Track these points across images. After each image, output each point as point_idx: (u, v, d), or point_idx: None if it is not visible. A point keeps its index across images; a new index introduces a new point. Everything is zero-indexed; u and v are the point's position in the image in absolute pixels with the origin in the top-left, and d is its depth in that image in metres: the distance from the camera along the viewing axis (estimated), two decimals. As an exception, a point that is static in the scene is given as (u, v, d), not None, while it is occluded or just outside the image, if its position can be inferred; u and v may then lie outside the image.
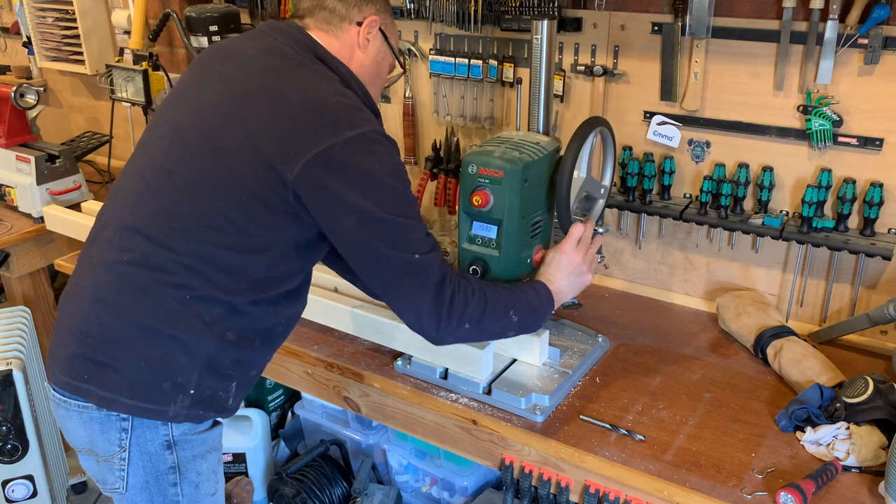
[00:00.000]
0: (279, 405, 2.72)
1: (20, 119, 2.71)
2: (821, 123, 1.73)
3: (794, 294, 1.93)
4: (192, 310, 1.38)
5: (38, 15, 3.05)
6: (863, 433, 1.47)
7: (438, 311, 1.40)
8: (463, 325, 1.43)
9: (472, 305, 1.43)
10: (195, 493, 1.49)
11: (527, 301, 1.52)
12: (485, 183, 1.55)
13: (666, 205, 1.97)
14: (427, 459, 2.29)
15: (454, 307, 1.41)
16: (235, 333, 1.43)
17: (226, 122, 1.38)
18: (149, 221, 1.40)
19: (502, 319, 1.48)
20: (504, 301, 1.49)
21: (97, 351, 1.38)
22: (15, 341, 2.32)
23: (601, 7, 1.93)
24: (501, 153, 1.56)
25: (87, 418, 1.41)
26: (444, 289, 1.40)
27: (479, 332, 1.47)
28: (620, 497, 1.48)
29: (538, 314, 1.54)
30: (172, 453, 1.44)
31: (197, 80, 1.50)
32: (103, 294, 1.40)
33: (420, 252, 1.38)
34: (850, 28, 1.64)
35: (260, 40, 1.48)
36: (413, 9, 2.21)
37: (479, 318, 1.44)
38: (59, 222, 2.47)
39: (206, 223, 1.37)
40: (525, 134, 1.68)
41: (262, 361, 1.55)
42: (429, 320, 1.41)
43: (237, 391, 1.49)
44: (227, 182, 1.36)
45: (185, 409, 1.41)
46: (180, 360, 1.39)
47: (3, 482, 2.29)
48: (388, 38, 1.55)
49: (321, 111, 1.36)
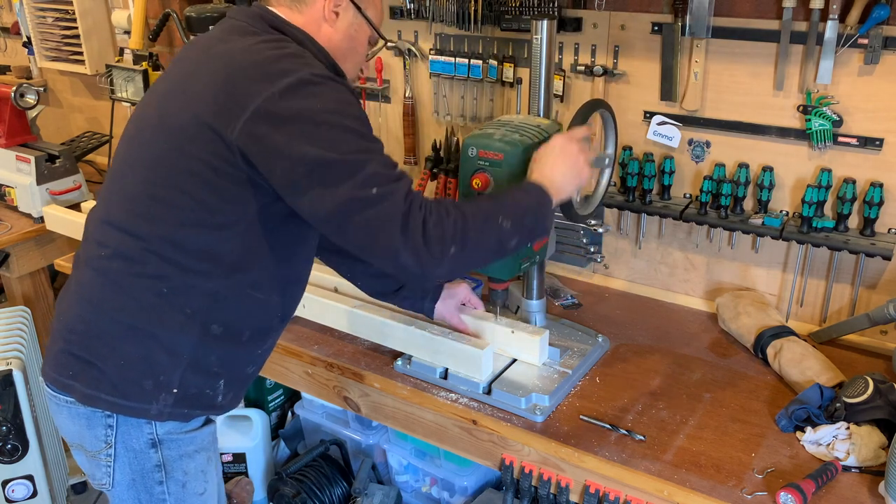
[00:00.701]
0: (279, 405, 2.72)
1: (20, 119, 2.71)
2: (821, 123, 1.73)
3: (794, 294, 1.93)
4: (171, 303, 1.36)
5: (38, 15, 3.05)
6: (863, 433, 1.47)
7: (413, 243, 1.27)
8: (448, 251, 1.29)
9: (448, 226, 1.30)
10: (182, 492, 1.49)
11: (514, 202, 1.40)
12: (484, 165, 1.53)
13: (666, 205, 1.97)
14: (427, 459, 2.29)
15: (429, 234, 1.28)
16: (221, 326, 1.40)
17: (171, 99, 1.37)
18: (117, 212, 1.40)
19: (492, 230, 1.35)
20: (486, 210, 1.36)
21: (81, 348, 1.40)
22: (15, 341, 2.32)
23: (601, 7, 1.93)
24: (501, 136, 1.54)
25: (75, 414, 1.43)
26: (410, 217, 1.27)
27: (473, 253, 1.34)
28: (620, 497, 1.48)
29: (535, 213, 1.41)
30: (157, 452, 1.44)
31: (166, 72, 1.50)
32: (86, 292, 1.42)
33: (379, 185, 1.27)
34: (850, 28, 1.64)
35: (224, 23, 1.46)
36: (413, 9, 2.21)
37: (462, 237, 1.31)
38: (59, 222, 2.47)
39: (165, 202, 1.34)
40: (525, 117, 1.66)
41: (255, 357, 1.51)
42: (406, 256, 1.28)
43: (227, 388, 1.47)
44: (177, 156, 1.33)
45: (169, 407, 1.40)
46: (161, 358, 1.38)
47: (3, 482, 2.29)
48: (361, 9, 1.48)
49: (256, 65, 1.30)
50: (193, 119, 1.31)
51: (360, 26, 1.49)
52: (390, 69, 2.38)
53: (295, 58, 1.33)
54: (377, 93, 2.43)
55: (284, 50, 1.34)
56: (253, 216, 1.36)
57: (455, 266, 1.34)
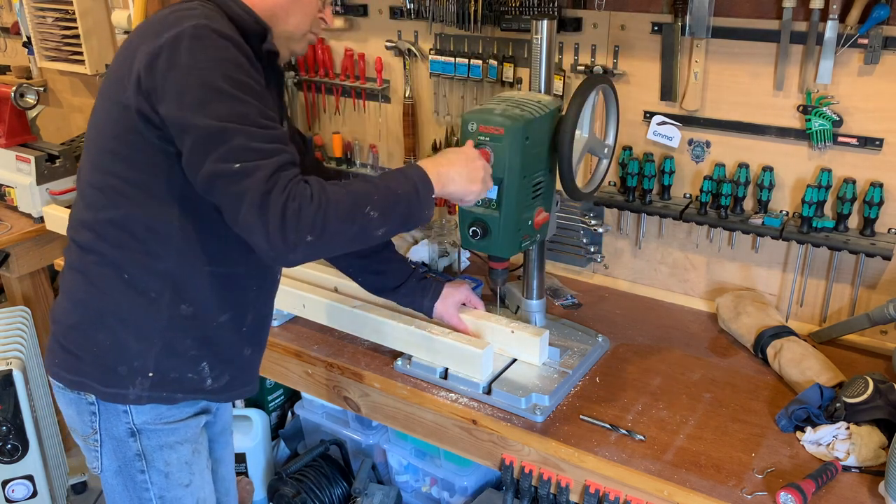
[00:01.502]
0: (279, 405, 2.72)
1: (20, 119, 2.71)
2: (821, 123, 1.73)
3: (794, 294, 1.93)
4: (135, 287, 1.38)
5: (38, 15, 3.05)
6: (863, 433, 1.47)
7: (268, 226, 1.18)
8: (303, 239, 1.20)
9: (308, 213, 1.19)
10: (165, 482, 1.50)
11: (389, 189, 1.30)
12: (485, 141, 1.50)
13: (666, 205, 1.97)
14: (427, 459, 2.29)
15: (287, 220, 1.18)
16: (191, 306, 1.39)
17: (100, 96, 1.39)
18: (76, 209, 1.45)
19: (357, 219, 1.25)
20: (355, 198, 1.25)
21: (64, 339, 1.45)
22: (15, 341, 2.32)
23: (601, 7, 1.93)
24: (502, 111, 1.51)
25: (67, 399, 1.47)
26: (270, 199, 1.17)
27: (331, 242, 1.24)
28: (620, 497, 1.48)
29: (409, 202, 1.31)
30: (136, 441, 1.46)
31: None
32: (65, 286, 1.47)
33: (243, 160, 1.18)
34: (850, 28, 1.64)
35: None
36: (413, 9, 2.21)
37: (322, 226, 1.21)
38: (59, 222, 2.47)
39: (99, 188, 1.37)
40: (526, 93, 1.65)
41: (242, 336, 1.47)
42: (259, 238, 1.19)
43: (216, 372, 1.45)
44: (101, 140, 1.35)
45: (146, 391, 1.41)
46: (132, 345, 1.40)
47: (3, 482, 2.29)
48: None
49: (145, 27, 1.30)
50: (105, 98, 1.34)
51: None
52: (390, 69, 2.38)
53: (183, 12, 1.27)
54: (377, 93, 2.43)
55: (175, 9, 1.29)
56: (179, 184, 1.31)
57: (309, 254, 1.25)
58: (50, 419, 2.54)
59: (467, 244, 1.62)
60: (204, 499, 1.58)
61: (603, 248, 2.16)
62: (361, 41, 2.40)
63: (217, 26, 1.25)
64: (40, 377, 2.48)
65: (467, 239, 1.61)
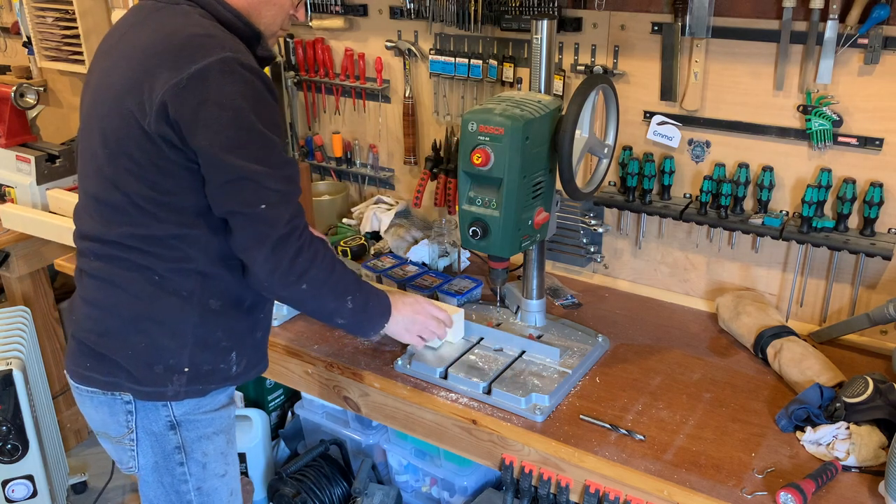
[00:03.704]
0: (279, 405, 2.72)
1: (20, 119, 2.71)
2: (821, 123, 1.73)
3: (794, 294, 1.93)
4: (166, 288, 1.39)
5: (38, 15, 3.05)
6: (863, 433, 1.47)
7: (275, 263, 1.35)
8: (300, 285, 1.39)
9: (316, 269, 1.39)
10: (203, 472, 1.52)
11: (366, 300, 1.51)
12: (485, 141, 1.51)
13: (666, 205, 1.97)
14: (427, 459, 2.29)
15: (297, 264, 1.36)
16: (219, 300, 1.43)
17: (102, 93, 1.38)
18: (86, 226, 1.45)
19: (339, 299, 1.46)
20: (348, 282, 1.47)
21: (94, 343, 1.45)
22: (15, 341, 2.32)
23: (601, 7, 1.93)
24: (502, 110, 1.52)
25: (98, 403, 1.47)
26: (289, 243, 1.35)
27: (314, 300, 1.44)
28: (620, 497, 1.48)
29: (370, 318, 1.55)
30: (176, 433, 1.48)
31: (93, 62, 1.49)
32: (88, 294, 1.47)
33: (268, 203, 1.32)
34: (850, 28, 1.64)
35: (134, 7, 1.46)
36: (413, 9, 2.22)
37: (319, 285, 1.41)
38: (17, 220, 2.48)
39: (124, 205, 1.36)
40: (526, 93, 1.65)
41: (259, 321, 1.54)
42: (262, 269, 1.36)
43: (240, 358, 1.50)
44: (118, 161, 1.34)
45: (184, 387, 1.44)
46: (167, 343, 1.41)
47: (3, 482, 2.29)
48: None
49: (167, 49, 1.29)
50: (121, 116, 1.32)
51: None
52: (390, 69, 2.38)
53: (205, 39, 1.30)
54: (377, 93, 2.43)
55: (193, 30, 1.31)
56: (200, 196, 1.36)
57: (293, 298, 1.45)
58: (50, 419, 2.54)
59: (467, 244, 1.62)
60: (236, 489, 1.61)
61: (603, 248, 2.16)
62: (361, 41, 2.40)
63: (243, 59, 1.30)
64: (40, 377, 2.48)
65: (467, 239, 1.61)
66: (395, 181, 2.54)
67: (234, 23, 1.39)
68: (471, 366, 1.73)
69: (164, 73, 1.27)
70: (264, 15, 1.44)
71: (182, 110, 1.26)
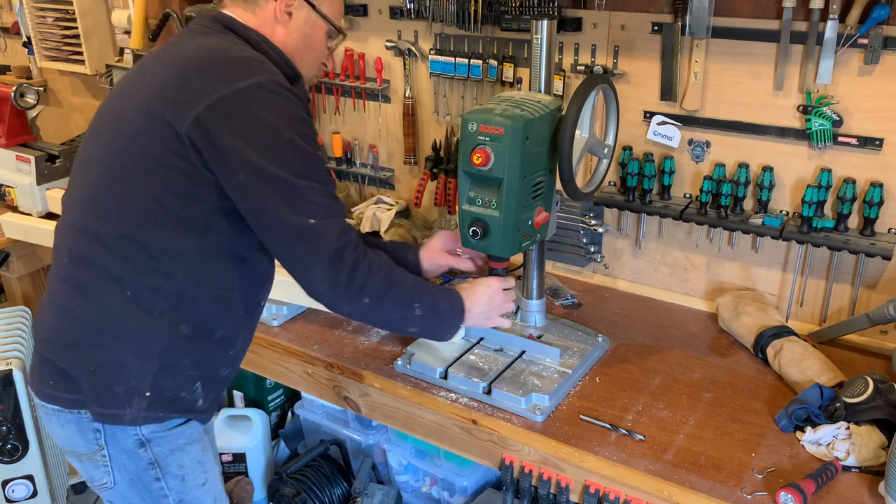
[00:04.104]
0: (279, 405, 2.72)
1: (20, 119, 2.71)
2: (821, 123, 1.73)
3: (794, 294, 1.93)
4: (137, 305, 1.36)
5: (38, 15, 3.05)
6: (863, 433, 1.47)
7: (335, 278, 1.35)
8: (362, 299, 1.39)
9: (375, 279, 1.39)
10: (182, 485, 1.49)
11: (434, 300, 1.50)
12: (485, 141, 1.51)
13: (666, 205, 1.97)
14: (427, 459, 2.29)
15: (354, 278, 1.37)
16: (189, 326, 1.40)
17: (127, 98, 1.38)
18: (76, 214, 1.41)
19: (405, 307, 1.45)
20: (410, 288, 1.46)
21: (57, 357, 1.41)
22: (15, 341, 2.32)
23: (601, 7, 1.93)
24: (502, 110, 1.52)
25: (64, 421, 1.44)
26: (344, 258, 1.35)
27: (378, 313, 1.44)
28: (620, 497, 1.48)
29: (443, 321, 1.53)
30: (147, 450, 1.44)
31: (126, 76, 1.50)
32: (56, 301, 1.43)
33: (317, 217, 1.33)
34: (850, 28, 1.64)
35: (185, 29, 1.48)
36: (413, 9, 2.22)
37: (381, 296, 1.41)
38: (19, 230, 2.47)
39: (120, 201, 1.35)
40: (526, 93, 1.65)
41: (228, 359, 1.51)
42: (322, 285, 1.37)
43: (206, 391, 1.47)
44: (132, 154, 1.34)
45: (143, 411, 1.40)
46: (131, 363, 1.38)
47: (3, 482, 2.29)
48: (315, 6, 1.48)
49: (214, 63, 1.32)
50: (147, 114, 1.32)
51: (316, 23, 1.50)
52: (390, 69, 2.38)
53: (252, 61, 1.34)
54: (377, 93, 2.43)
55: (241, 52, 1.35)
56: (210, 213, 1.36)
57: (358, 312, 1.45)
58: (50, 419, 2.53)
59: (467, 244, 1.62)
60: (220, 494, 1.58)
61: (603, 248, 2.16)
62: (361, 41, 2.40)
63: (284, 83, 1.33)
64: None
65: (467, 239, 1.61)
66: (395, 181, 2.54)
67: (278, 61, 1.43)
68: (471, 366, 1.73)
69: (208, 84, 1.28)
70: (305, 60, 1.51)
71: (225, 123, 1.28)
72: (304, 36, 1.49)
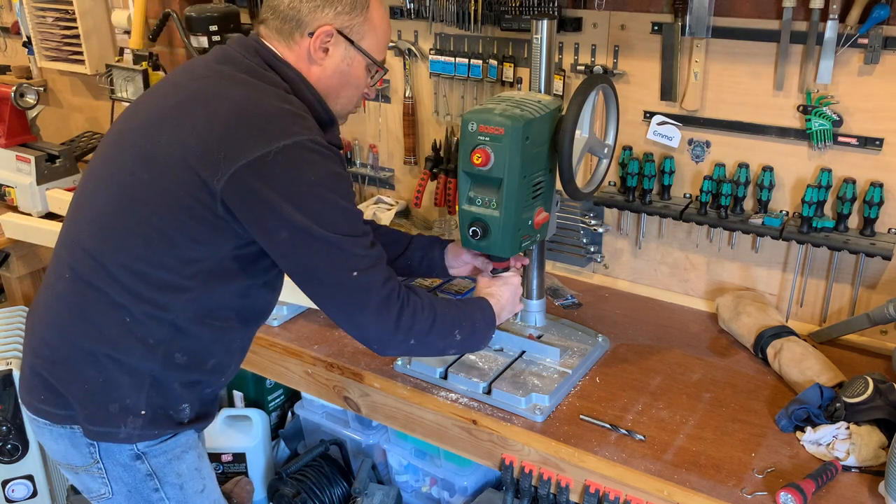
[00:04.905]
0: (279, 405, 2.72)
1: (20, 119, 2.71)
2: (821, 123, 1.73)
3: (794, 294, 1.93)
4: (134, 332, 1.35)
5: (38, 15, 3.05)
6: (863, 433, 1.47)
7: (383, 327, 1.37)
8: (409, 341, 1.41)
9: (420, 321, 1.40)
10: (181, 494, 1.49)
11: (472, 321, 1.51)
12: (485, 141, 1.51)
13: (666, 205, 1.97)
14: (427, 459, 2.29)
15: (401, 323, 1.38)
16: (185, 355, 1.40)
17: (159, 129, 1.33)
18: (85, 233, 1.38)
19: (447, 337, 1.47)
20: (451, 319, 1.47)
21: (48, 373, 1.40)
22: (15, 341, 2.32)
23: (601, 7, 1.93)
24: (502, 110, 1.51)
25: (57, 434, 1.43)
26: (390, 305, 1.36)
27: (423, 348, 1.46)
28: (620, 497, 1.48)
29: (480, 338, 1.54)
30: (144, 462, 1.44)
31: (152, 90, 1.46)
32: (50, 316, 1.41)
33: (359, 269, 1.33)
34: (850, 28, 1.64)
35: (218, 51, 1.44)
36: (413, 9, 2.22)
37: (425, 335, 1.42)
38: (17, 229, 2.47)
39: (133, 233, 1.32)
40: (526, 93, 1.65)
41: (218, 383, 1.52)
42: (373, 335, 1.38)
43: (192, 410, 1.47)
44: (156, 191, 1.31)
45: (138, 430, 1.39)
46: (124, 382, 1.37)
47: (3, 482, 2.29)
48: (355, 41, 1.43)
49: (254, 118, 1.29)
50: (181, 160, 1.29)
51: (355, 59, 1.45)
52: (390, 69, 2.38)
53: (291, 117, 1.32)
54: (377, 92, 2.42)
55: (280, 105, 1.32)
56: (222, 259, 1.35)
57: (403, 353, 1.48)
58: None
59: (467, 244, 1.62)
60: (218, 499, 1.58)
61: (603, 248, 2.16)
62: (361, 41, 2.40)
63: (322, 141, 1.32)
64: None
65: (467, 239, 1.61)
66: (395, 181, 2.54)
67: (315, 107, 1.41)
68: (471, 366, 1.73)
69: (249, 142, 1.26)
70: (342, 96, 1.48)
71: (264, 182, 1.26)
72: (342, 73, 1.45)
